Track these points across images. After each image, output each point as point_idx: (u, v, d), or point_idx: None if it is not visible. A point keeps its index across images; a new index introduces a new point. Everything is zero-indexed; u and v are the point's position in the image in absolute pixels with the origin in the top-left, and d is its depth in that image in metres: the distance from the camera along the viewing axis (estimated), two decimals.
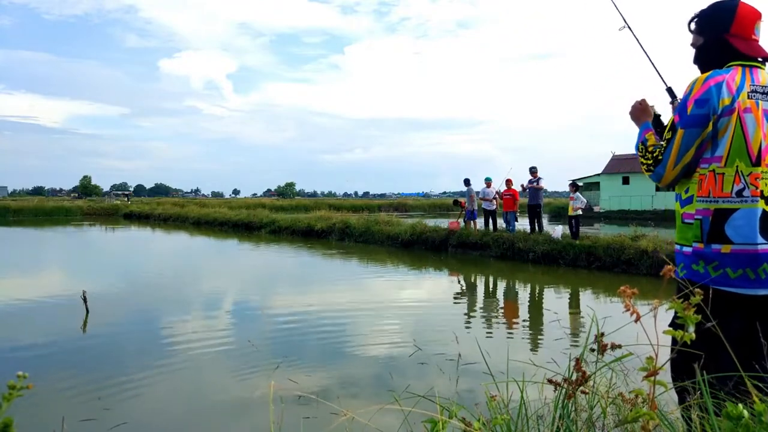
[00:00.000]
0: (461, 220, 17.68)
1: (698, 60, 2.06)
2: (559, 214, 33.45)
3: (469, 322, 8.07)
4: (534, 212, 15.36)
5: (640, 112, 2.17)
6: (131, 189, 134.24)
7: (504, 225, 16.10)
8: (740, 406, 1.00)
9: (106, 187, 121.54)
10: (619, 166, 41.00)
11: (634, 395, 1.36)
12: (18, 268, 13.87)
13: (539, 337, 7.14)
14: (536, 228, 15.23)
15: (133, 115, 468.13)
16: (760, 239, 1.78)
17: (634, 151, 2.13)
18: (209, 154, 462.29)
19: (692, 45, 2.09)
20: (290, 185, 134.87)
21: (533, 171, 15.17)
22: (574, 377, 1.43)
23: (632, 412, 1.16)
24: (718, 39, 1.96)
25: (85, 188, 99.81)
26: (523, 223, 16.50)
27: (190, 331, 7.17)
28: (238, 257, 17.41)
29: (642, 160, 2.03)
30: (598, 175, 42.54)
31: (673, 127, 1.91)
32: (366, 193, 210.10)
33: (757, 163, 1.81)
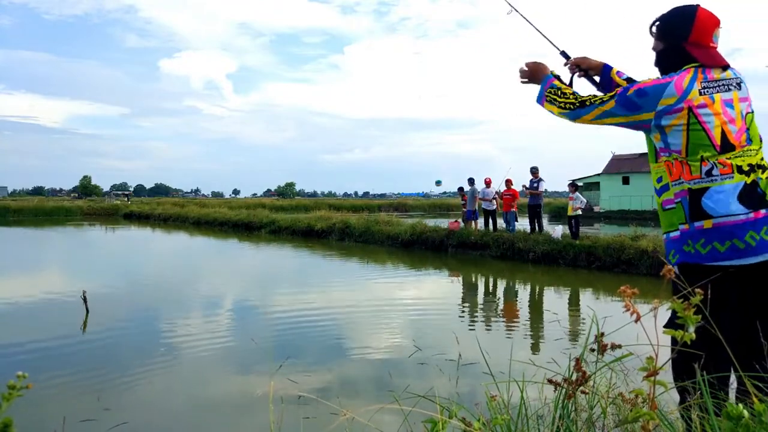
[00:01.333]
0: (461, 220, 17.68)
1: (658, 64, 2.12)
2: (559, 214, 33.43)
3: (469, 323, 8.07)
4: (534, 212, 15.36)
5: (535, 71, 2.30)
6: (131, 189, 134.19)
7: (504, 225, 16.10)
8: (740, 406, 1.00)
9: (106, 187, 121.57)
10: (619, 166, 41.02)
11: (634, 395, 1.36)
12: (18, 268, 13.87)
13: (539, 337, 7.14)
14: (536, 228, 15.23)
15: (133, 115, 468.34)
16: (739, 208, 1.82)
17: (633, 152, 2.16)
18: (209, 154, 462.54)
19: (653, 49, 2.15)
20: (290, 185, 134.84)
21: (534, 171, 15.15)
22: (574, 377, 1.43)
23: (632, 412, 1.16)
24: (676, 47, 2.01)
25: (85, 188, 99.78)
26: (523, 223, 16.50)
27: (190, 331, 7.17)
28: (238, 257, 17.41)
29: (557, 99, 2.13)
30: (598, 175, 42.57)
31: (612, 94, 2.02)
32: (366, 193, 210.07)
33: (725, 149, 1.86)
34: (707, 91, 1.91)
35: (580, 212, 14.69)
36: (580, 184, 41.03)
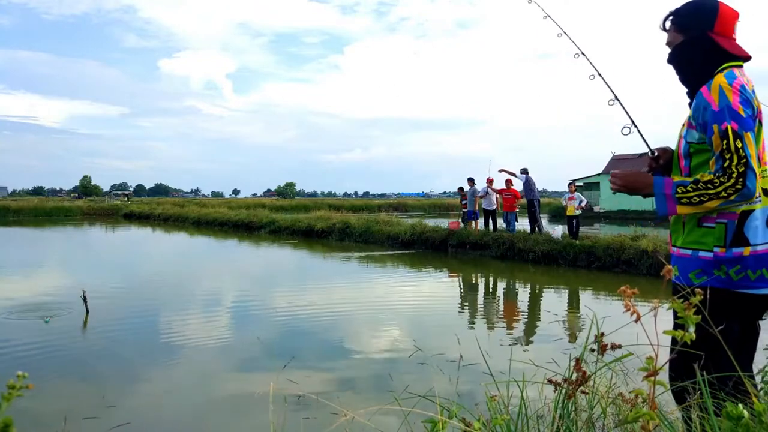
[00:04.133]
0: (461, 220, 17.68)
1: (677, 58, 1.97)
2: (559, 214, 33.43)
3: (469, 323, 8.07)
4: (529, 210, 15.43)
5: (633, 180, 2.06)
6: (131, 189, 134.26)
7: (504, 225, 16.10)
8: (740, 406, 1.00)
9: (106, 187, 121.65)
10: (619, 166, 40.93)
11: (634, 395, 1.36)
12: (18, 268, 13.87)
13: (539, 337, 7.14)
14: (536, 228, 15.24)
15: (133, 115, 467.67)
16: (767, 236, 1.76)
17: (633, 152, 2.07)
18: (209, 154, 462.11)
19: (668, 44, 2.00)
20: (290, 185, 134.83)
21: (524, 172, 15.24)
22: (574, 377, 1.43)
23: (632, 412, 1.16)
24: (701, 36, 1.87)
25: (85, 188, 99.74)
26: (523, 223, 16.51)
27: (190, 332, 7.17)
28: (238, 257, 17.41)
29: (701, 191, 1.76)
30: (598, 175, 42.52)
31: (736, 135, 1.73)
32: (366, 193, 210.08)
33: (760, 162, 1.81)
34: (755, 96, 1.83)
35: (580, 212, 14.71)
36: (580, 184, 41.07)
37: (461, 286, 11.65)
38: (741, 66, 1.89)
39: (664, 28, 2.03)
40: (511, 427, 1.58)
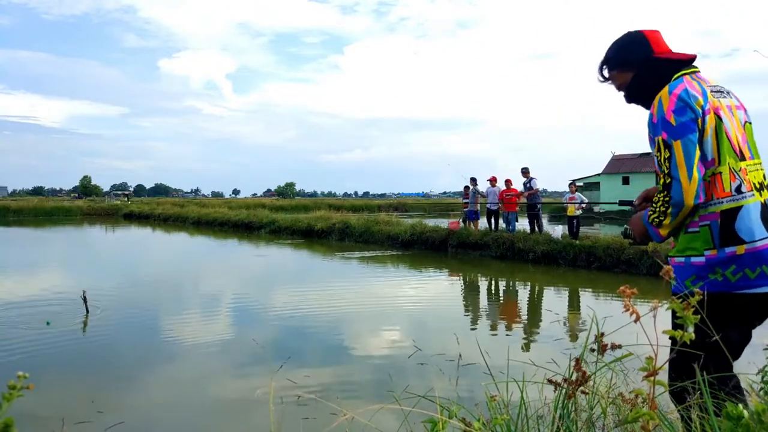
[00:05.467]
0: (461, 220, 17.67)
1: (636, 92, 2.00)
2: (559, 214, 33.44)
3: (469, 323, 8.07)
4: (532, 212, 15.38)
5: (635, 224, 2.03)
6: (131, 189, 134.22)
7: (504, 225, 16.09)
8: (740, 406, 1.00)
9: (106, 187, 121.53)
10: (619, 166, 41.03)
11: (634, 395, 1.36)
12: (17, 268, 13.87)
13: (539, 337, 7.14)
14: (536, 228, 15.23)
15: (133, 115, 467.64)
16: (763, 231, 1.73)
17: (633, 152, 2.06)
18: (209, 154, 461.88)
19: (619, 87, 2.03)
20: (290, 185, 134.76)
21: (525, 171, 15.17)
22: (574, 377, 1.43)
23: (632, 412, 1.16)
24: (648, 61, 1.92)
25: (85, 188, 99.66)
26: (523, 223, 16.50)
27: (190, 331, 7.17)
28: (237, 257, 17.41)
29: (657, 210, 1.82)
30: (598, 175, 42.56)
31: (665, 145, 1.77)
32: (366, 193, 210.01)
33: (742, 157, 1.78)
34: (716, 95, 1.83)
35: (580, 212, 14.71)
36: (580, 184, 41.07)
37: (461, 286, 11.65)
38: (695, 71, 1.91)
39: (605, 79, 2.08)
40: (511, 427, 1.58)
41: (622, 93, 2.05)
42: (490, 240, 15.48)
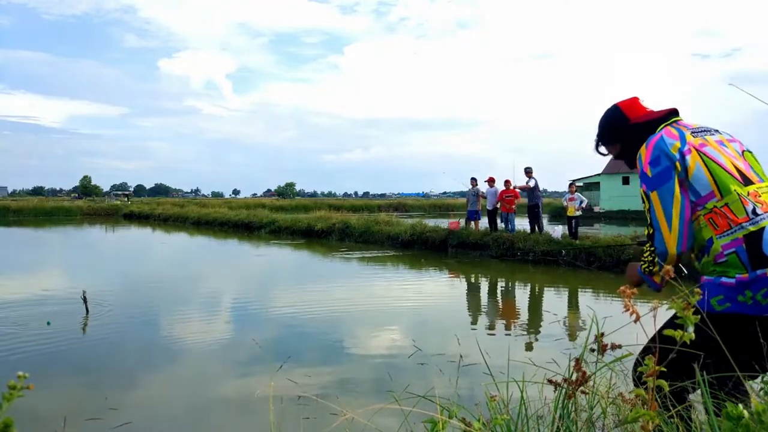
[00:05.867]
0: (461, 220, 17.66)
1: (629, 159, 2.13)
2: (559, 214, 33.46)
3: (469, 323, 8.07)
4: (533, 213, 15.35)
5: (630, 274, 2.15)
6: (131, 189, 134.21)
7: (504, 225, 16.08)
8: (740, 406, 1.00)
9: (106, 187, 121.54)
10: (619, 166, 40.92)
11: (634, 395, 1.36)
12: (17, 268, 13.87)
13: (539, 337, 7.14)
14: (536, 228, 15.22)
15: (133, 115, 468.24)
16: None
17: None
18: (209, 154, 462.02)
19: (616, 157, 2.22)
20: (290, 185, 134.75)
21: (528, 171, 15.14)
22: (574, 377, 1.43)
23: (632, 412, 1.16)
24: (627, 130, 2.08)
25: (85, 188, 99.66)
26: (522, 224, 16.49)
27: (190, 331, 7.17)
28: (237, 257, 17.41)
29: (646, 260, 1.96)
30: (598, 175, 42.53)
31: (646, 196, 1.89)
32: (366, 193, 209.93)
33: (748, 182, 1.79)
34: (697, 135, 1.89)
35: (580, 213, 14.70)
36: (580, 184, 41.05)
37: (461, 286, 11.65)
38: (675, 120, 1.99)
39: (603, 153, 2.27)
40: (511, 427, 1.58)
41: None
42: (490, 240, 15.47)
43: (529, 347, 6.46)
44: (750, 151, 1.93)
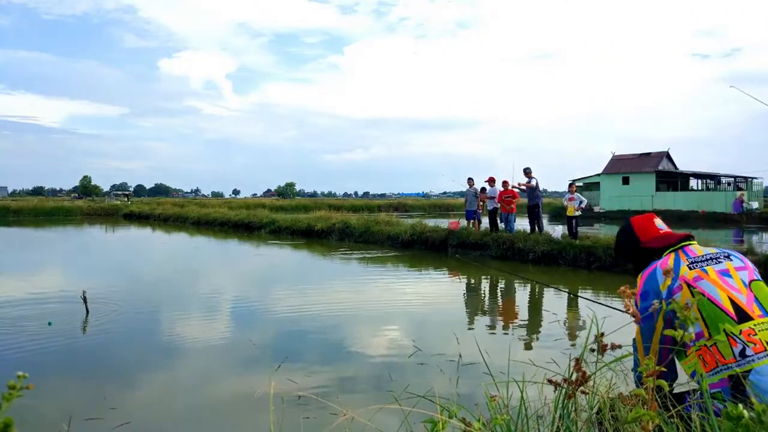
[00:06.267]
0: (461, 220, 17.66)
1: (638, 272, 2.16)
2: (559, 214, 33.48)
3: (469, 323, 8.07)
4: (533, 213, 15.34)
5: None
6: (131, 189, 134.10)
7: (503, 225, 16.07)
8: (740, 406, 1.00)
9: (106, 187, 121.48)
10: (619, 166, 41.00)
11: (634, 395, 1.35)
12: (17, 268, 13.87)
13: (539, 337, 7.14)
14: (536, 228, 15.21)
15: (133, 115, 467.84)
16: None
17: (633, 152, 2.09)
18: (209, 154, 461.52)
19: (634, 270, 2.23)
20: (290, 185, 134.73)
21: (527, 171, 15.14)
22: (574, 377, 1.43)
23: (632, 412, 1.16)
24: (637, 251, 2.15)
25: (85, 188, 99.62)
26: (522, 224, 16.49)
27: (190, 331, 7.17)
28: (238, 257, 17.41)
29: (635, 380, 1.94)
30: (598, 175, 42.51)
31: (637, 331, 1.85)
32: (366, 193, 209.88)
33: (743, 319, 1.73)
34: (697, 266, 1.88)
35: (580, 213, 14.70)
36: (580, 184, 41.04)
37: (461, 286, 11.65)
38: (684, 245, 2.00)
39: (620, 263, 2.28)
40: (511, 427, 1.58)
41: None
42: (490, 240, 15.47)
43: (529, 347, 6.46)
44: (759, 280, 1.86)
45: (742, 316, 1.74)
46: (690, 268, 1.87)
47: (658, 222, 2.17)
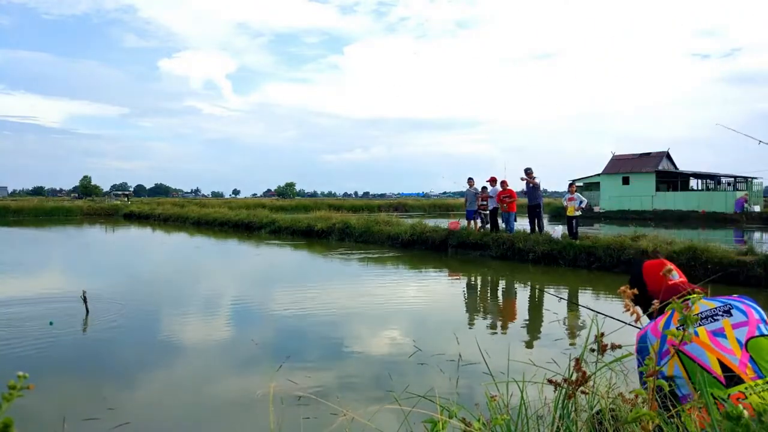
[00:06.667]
0: (461, 220, 17.66)
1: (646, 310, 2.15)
2: (559, 214, 33.50)
3: (469, 323, 8.07)
4: (534, 213, 15.33)
5: None
6: (131, 189, 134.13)
7: (503, 225, 16.06)
8: (740, 406, 1.00)
9: (106, 187, 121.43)
10: (619, 166, 41.01)
11: (634, 395, 1.36)
12: (17, 268, 13.86)
13: (539, 337, 7.14)
14: (536, 228, 15.21)
15: (133, 115, 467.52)
16: None
17: (633, 152, 2.06)
18: (209, 154, 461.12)
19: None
20: (290, 185, 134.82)
21: (528, 172, 15.13)
22: (574, 377, 1.43)
23: (632, 412, 1.16)
24: (644, 298, 2.07)
25: (86, 188, 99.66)
26: (522, 224, 16.49)
27: (190, 331, 7.17)
28: (238, 257, 17.41)
29: None
30: (598, 175, 42.53)
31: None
32: (366, 193, 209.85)
33: (734, 381, 1.68)
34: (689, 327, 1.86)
35: (580, 213, 14.69)
36: (580, 184, 41.05)
37: (461, 286, 11.65)
38: (688, 298, 1.90)
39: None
40: (511, 427, 1.58)
41: None
42: (490, 240, 15.47)
43: (529, 347, 6.46)
44: (763, 336, 1.78)
45: (732, 380, 1.69)
46: (678, 331, 1.83)
47: (671, 271, 2.07)
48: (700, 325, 1.82)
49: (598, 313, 2.28)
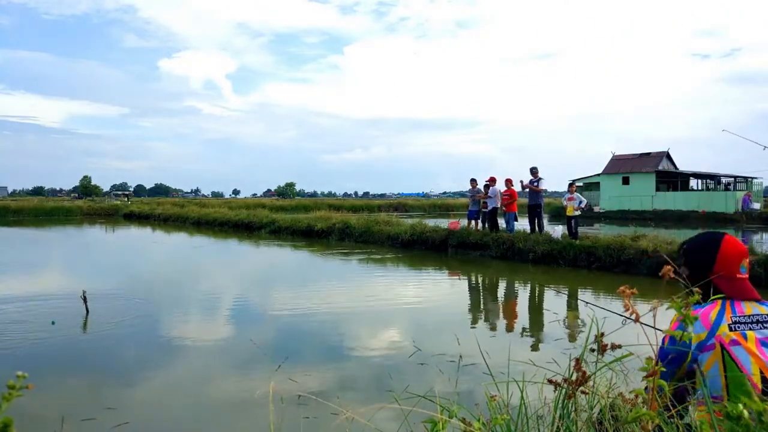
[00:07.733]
0: (461, 220, 17.65)
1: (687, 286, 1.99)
2: (559, 214, 33.49)
3: (469, 323, 8.07)
4: (534, 212, 15.32)
5: None
6: (131, 189, 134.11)
7: (504, 225, 16.06)
8: (740, 406, 1.00)
9: (106, 187, 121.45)
10: (619, 166, 41.00)
11: (634, 395, 1.36)
12: (17, 268, 13.87)
13: (539, 337, 7.14)
14: (536, 228, 15.21)
15: (133, 115, 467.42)
16: None
17: (633, 152, 1.95)
18: (209, 154, 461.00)
19: (681, 272, 2.00)
20: (290, 185, 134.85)
21: (534, 171, 15.11)
22: (574, 377, 1.43)
23: (632, 412, 1.16)
24: (702, 277, 1.89)
25: (86, 188, 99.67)
26: (522, 224, 16.49)
27: (190, 331, 7.17)
28: (238, 257, 17.41)
29: None
30: (598, 175, 42.51)
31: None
32: (366, 193, 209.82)
33: None
34: (738, 327, 1.75)
35: (579, 213, 14.69)
36: (579, 184, 41.04)
37: (461, 286, 11.65)
38: (736, 299, 1.83)
39: (679, 257, 2.03)
40: (511, 427, 1.58)
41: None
42: (490, 240, 15.47)
43: (529, 347, 6.46)
44: None
45: None
46: (730, 329, 1.74)
47: (745, 263, 1.92)
48: (750, 329, 1.75)
49: (605, 310, 2.25)
